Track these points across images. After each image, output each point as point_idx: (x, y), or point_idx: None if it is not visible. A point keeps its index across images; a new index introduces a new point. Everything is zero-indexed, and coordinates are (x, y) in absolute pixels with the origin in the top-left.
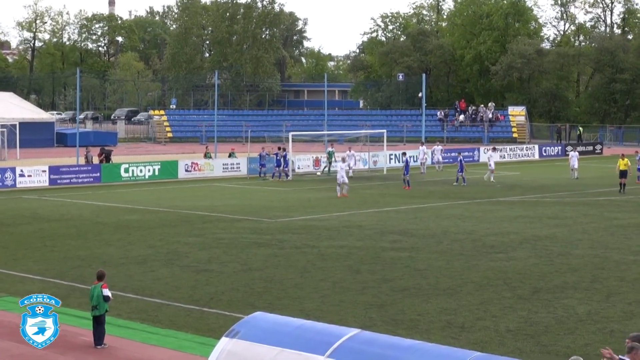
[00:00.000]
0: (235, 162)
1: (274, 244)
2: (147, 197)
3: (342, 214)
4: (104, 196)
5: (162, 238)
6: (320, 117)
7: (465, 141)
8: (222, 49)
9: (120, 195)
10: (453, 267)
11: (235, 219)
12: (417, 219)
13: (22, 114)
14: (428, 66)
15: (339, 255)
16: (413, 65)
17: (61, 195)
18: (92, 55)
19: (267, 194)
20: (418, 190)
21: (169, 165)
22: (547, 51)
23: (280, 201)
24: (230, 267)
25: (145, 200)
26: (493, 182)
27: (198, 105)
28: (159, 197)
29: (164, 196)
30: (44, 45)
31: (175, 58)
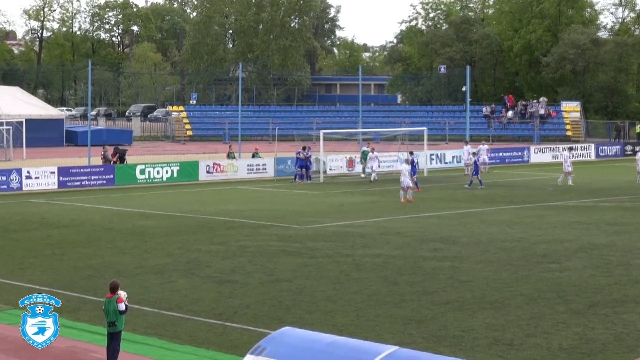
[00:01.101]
0: (261, 163)
1: (303, 253)
2: (165, 201)
3: (378, 220)
4: (118, 200)
5: (181, 246)
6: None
7: (514, 140)
8: (247, 39)
9: (135, 199)
10: (500, 278)
11: (262, 225)
12: (460, 225)
13: (28, 110)
14: (472, 57)
15: (374, 265)
16: (456, 56)
17: (71, 198)
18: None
19: (296, 198)
20: (462, 193)
21: (189, 166)
22: (604, 41)
23: (310, 205)
24: (256, 277)
25: (163, 205)
26: (571, 185)
27: (220, 100)
28: (178, 201)
29: (183, 200)
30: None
31: (195, 49)
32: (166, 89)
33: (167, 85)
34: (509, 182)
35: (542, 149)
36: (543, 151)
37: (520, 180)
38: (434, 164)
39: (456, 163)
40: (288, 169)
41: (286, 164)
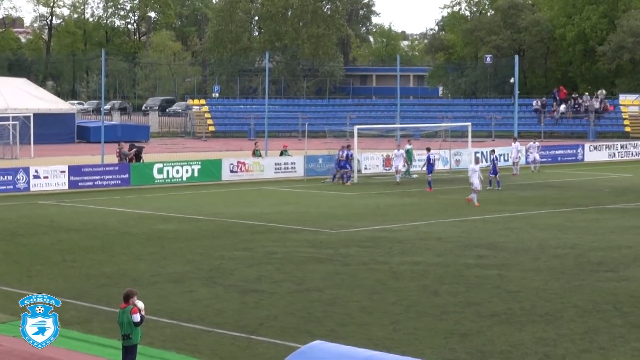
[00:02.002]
0: (289, 162)
1: (336, 260)
2: (185, 202)
3: (417, 224)
4: (134, 202)
5: (202, 252)
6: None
7: (566, 136)
8: (275, 26)
9: (152, 201)
10: (552, 288)
11: (290, 229)
12: (508, 229)
13: (37, 104)
14: (521, 46)
15: (413, 274)
16: (503, 45)
17: (83, 200)
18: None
19: (327, 200)
20: (509, 195)
21: (211, 165)
22: None
23: (343, 208)
24: (284, 286)
25: (183, 207)
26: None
27: (245, 93)
28: (199, 203)
29: (204, 202)
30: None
31: (218, 37)
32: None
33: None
34: (561, 182)
35: (597, 147)
36: (599, 149)
37: (573, 180)
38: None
39: (503, 162)
40: (319, 168)
41: (317, 163)
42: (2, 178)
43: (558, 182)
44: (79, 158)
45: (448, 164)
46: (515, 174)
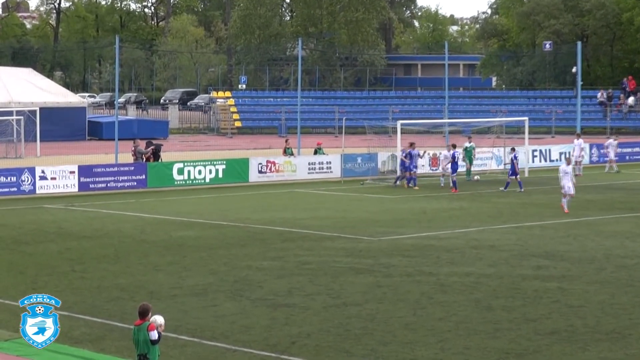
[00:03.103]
0: (325, 161)
1: (376, 271)
2: (208, 207)
3: (468, 231)
4: (151, 206)
5: (227, 262)
6: (438, 101)
7: (636, 132)
8: (308, 9)
9: (172, 205)
10: (619, 302)
11: (325, 237)
12: (569, 237)
13: (43, 97)
14: (584, 32)
15: (463, 286)
16: (564, 30)
17: (94, 204)
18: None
19: (367, 204)
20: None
21: (237, 164)
22: None
23: (385, 213)
24: (319, 300)
25: (206, 212)
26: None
27: (276, 84)
28: (224, 207)
29: (230, 206)
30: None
31: (245, 22)
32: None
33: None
34: (629, 184)
35: None
36: None
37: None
38: (537, 161)
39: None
40: (357, 168)
41: (355, 162)
42: (5, 179)
43: (626, 184)
44: (90, 157)
45: (502, 164)
46: (578, 175)
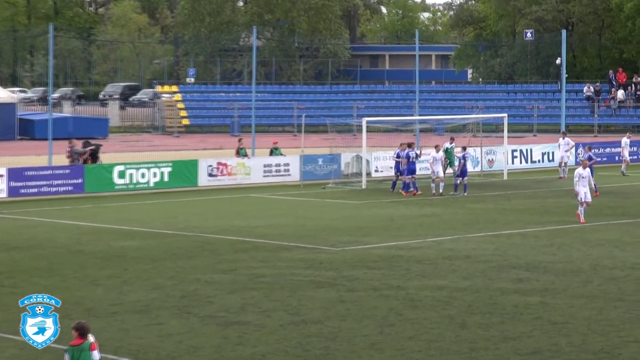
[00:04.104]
0: (282, 163)
1: (339, 284)
2: (152, 214)
3: (441, 240)
4: (89, 213)
5: (173, 275)
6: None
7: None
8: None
9: (112, 212)
10: (607, 318)
11: (283, 247)
12: (553, 246)
13: None
14: (569, 19)
15: (436, 301)
16: (547, 17)
17: (26, 211)
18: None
19: (329, 210)
20: (555, 203)
21: (185, 166)
22: None
23: (349, 220)
24: (275, 317)
25: (150, 219)
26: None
27: (228, 78)
28: (170, 214)
29: (176, 213)
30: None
31: (194, 9)
32: (154, 62)
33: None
34: (619, 188)
35: None
36: None
37: (635, 185)
38: (517, 163)
39: (547, 162)
40: (318, 171)
41: (316, 164)
42: None
43: (615, 188)
44: (21, 159)
45: (479, 165)
46: (561, 177)
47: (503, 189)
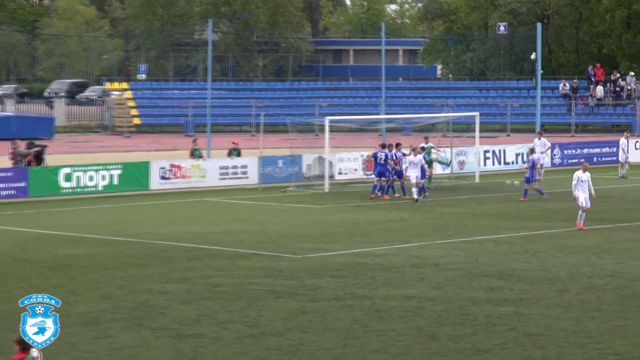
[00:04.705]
0: (240, 165)
1: (300, 294)
2: (101, 219)
3: (408, 246)
4: (34, 218)
5: (124, 284)
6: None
7: (605, 130)
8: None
9: (58, 217)
10: (585, 329)
11: (240, 254)
12: (527, 253)
13: None
14: (545, 12)
15: (403, 312)
16: (521, 10)
17: None
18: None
19: (290, 215)
20: (530, 207)
21: (136, 169)
22: None
23: (310, 226)
24: (232, 330)
25: (98, 225)
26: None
27: (182, 74)
28: (120, 220)
29: (127, 218)
30: None
31: (146, 0)
32: (103, 58)
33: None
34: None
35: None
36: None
37: (614, 188)
38: (489, 164)
39: (522, 163)
40: (278, 173)
41: (276, 166)
42: None
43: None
44: None
45: (449, 167)
46: (537, 180)
47: (474, 192)
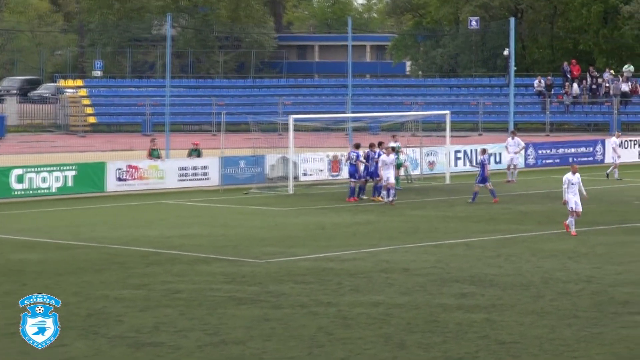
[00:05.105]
0: (200, 166)
1: (263, 300)
2: (55, 222)
3: (376, 251)
4: None
5: (78, 291)
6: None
7: (581, 129)
8: None
9: (10, 221)
10: (561, 337)
11: (200, 259)
12: (500, 257)
13: None
14: (518, 6)
15: (371, 319)
16: (494, 4)
17: None
18: None
19: (252, 218)
20: (502, 210)
21: (91, 170)
22: None
23: (274, 229)
24: (192, 338)
25: (52, 229)
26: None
27: (139, 71)
28: (75, 223)
29: (82, 221)
30: None
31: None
32: (56, 54)
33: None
34: None
35: (623, 143)
36: (625, 145)
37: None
38: (460, 165)
39: (494, 164)
40: (240, 174)
41: (237, 167)
42: None
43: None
44: None
45: (419, 168)
46: (510, 181)
47: (445, 194)
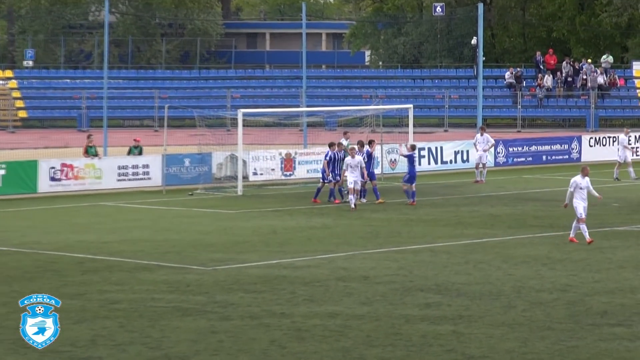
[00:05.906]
0: (141, 164)
1: (210, 311)
2: None
3: (333, 257)
4: None
5: (8, 301)
6: (293, 82)
7: (555, 125)
8: None
9: None
10: (533, 351)
11: (141, 266)
12: (468, 264)
13: None
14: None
15: (327, 331)
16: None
17: None
18: None
19: (198, 221)
20: (471, 212)
21: (22, 168)
22: None
23: (222, 233)
24: (132, 352)
25: None
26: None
27: (74, 61)
28: (4, 227)
29: (11, 225)
30: None
31: None
32: None
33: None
34: (547, 193)
35: (600, 139)
36: (602, 142)
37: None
38: (424, 163)
39: (461, 163)
40: (184, 174)
41: (182, 165)
42: None
43: (543, 194)
44: None
45: (379, 167)
46: (478, 181)
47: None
